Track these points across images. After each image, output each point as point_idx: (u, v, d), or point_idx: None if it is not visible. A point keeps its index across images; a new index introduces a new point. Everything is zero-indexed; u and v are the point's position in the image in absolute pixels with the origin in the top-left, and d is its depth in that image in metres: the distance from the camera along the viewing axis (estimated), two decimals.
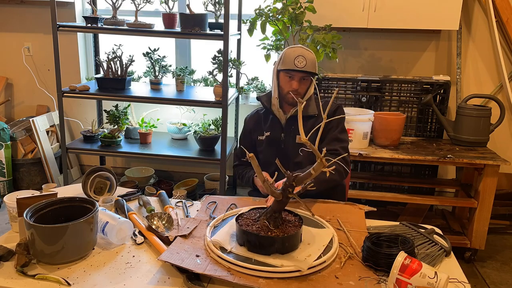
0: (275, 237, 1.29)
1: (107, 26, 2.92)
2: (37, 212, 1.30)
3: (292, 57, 1.85)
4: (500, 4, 3.00)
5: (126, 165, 3.80)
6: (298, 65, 1.83)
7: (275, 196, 1.34)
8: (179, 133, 3.35)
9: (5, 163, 3.29)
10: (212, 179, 3.44)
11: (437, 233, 1.50)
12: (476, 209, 2.59)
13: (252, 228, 1.33)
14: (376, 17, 2.85)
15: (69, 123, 3.74)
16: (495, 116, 2.83)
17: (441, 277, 1.13)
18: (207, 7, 2.90)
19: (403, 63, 3.30)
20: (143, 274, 1.23)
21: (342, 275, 1.23)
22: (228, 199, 1.74)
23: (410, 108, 3.09)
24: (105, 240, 1.38)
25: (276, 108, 1.97)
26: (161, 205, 1.67)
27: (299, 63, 1.83)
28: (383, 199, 2.72)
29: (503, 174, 3.18)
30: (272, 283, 1.17)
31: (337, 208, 1.68)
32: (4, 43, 3.68)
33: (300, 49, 1.87)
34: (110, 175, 1.73)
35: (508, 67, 3.15)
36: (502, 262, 2.75)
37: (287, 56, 1.87)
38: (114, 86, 3.10)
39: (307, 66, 1.84)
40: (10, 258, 1.27)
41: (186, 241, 1.37)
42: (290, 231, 1.33)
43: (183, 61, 3.60)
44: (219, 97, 2.85)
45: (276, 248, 1.29)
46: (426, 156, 2.57)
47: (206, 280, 1.20)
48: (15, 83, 3.77)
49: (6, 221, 2.97)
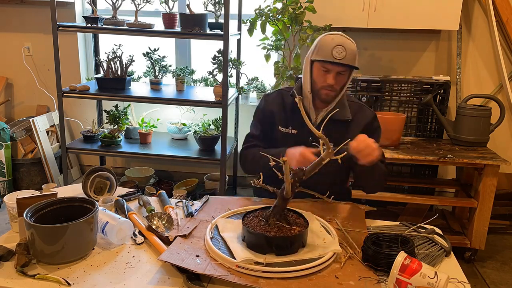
0: (297, 234, 1.30)
1: (107, 26, 2.92)
2: (37, 212, 1.30)
3: (330, 47, 1.59)
4: (500, 4, 3.00)
5: (126, 165, 3.80)
6: (337, 56, 1.58)
7: (285, 193, 1.32)
8: (179, 133, 3.35)
9: (5, 163, 3.29)
10: (212, 179, 3.44)
11: (437, 233, 1.50)
12: (476, 209, 2.59)
13: (277, 233, 1.31)
14: (376, 17, 2.85)
15: (69, 123, 3.75)
16: (495, 116, 2.83)
17: (441, 277, 1.13)
18: (207, 7, 2.90)
19: (403, 63, 3.30)
20: (143, 274, 1.23)
21: (342, 275, 1.23)
22: (228, 200, 1.74)
23: (410, 108, 3.09)
24: (105, 240, 1.38)
25: (308, 103, 1.71)
26: (161, 205, 1.67)
27: (338, 53, 1.58)
28: (383, 199, 2.71)
29: (503, 174, 3.18)
30: (272, 283, 1.17)
31: (337, 208, 1.68)
32: (4, 43, 3.68)
33: (339, 38, 1.61)
34: (110, 175, 1.73)
35: (508, 67, 3.15)
36: (502, 262, 2.75)
37: (324, 44, 1.62)
38: (114, 86, 3.10)
39: (347, 58, 1.59)
40: (10, 258, 1.27)
41: (186, 241, 1.37)
42: (299, 225, 1.34)
43: (183, 61, 3.60)
44: (219, 97, 2.85)
45: (300, 244, 1.31)
46: (426, 156, 2.57)
47: (206, 280, 1.20)
48: (15, 83, 3.77)
49: (6, 221, 2.97)
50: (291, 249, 1.29)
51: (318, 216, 1.55)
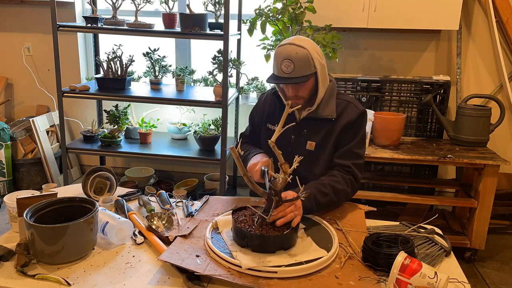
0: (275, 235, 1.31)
1: (107, 26, 2.92)
2: (37, 212, 1.30)
3: (278, 61, 1.55)
4: (500, 4, 3.00)
5: (126, 165, 3.80)
6: (286, 70, 1.53)
7: (259, 194, 1.35)
8: (179, 133, 3.35)
9: (5, 163, 3.29)
10: (212, 179, 3.44)
11: (437, 233, 1.50)
12: (476, 209, 2.59)
13: (257, 230, 1.33)
14: (376, 17, 2.85)
15: (69, 123, 3.74)
16: (495, 116, 2.83)
17: (441, 277, 1.13)
18: (207, 7, 2.90)
19: (403, 63, 3.30)
20: (143, 274, 1.23)
21: (342, 275, 1.23)
22: (228, 200, 1.74)
23: (410, 108, 3.09)
24: (105, 240, 1.38)
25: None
26: (161, 205, 1.67)
27: (286, 68, 1.53)
28: (383, 199, 2.72)
29: (503, 174, 3.18)
30: (272, 283, 1.17)
31: (337, 208, 1.68)
32: (4, 43, 3.68)
33: (288, 48, 1.54)
34: (110, 175, 1.73)
35: (508, 67, 3.15)
36: (502, 262, 2.75)
37: (275, 57, 1.58)
38: (114, 86, 3.10)
39: (296, 71, 1.53)
40: (10, 258, 1.27)
41: (186, 241, 1.37)
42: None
43: (183, 61, 3.60)
44: (219, 97, 2.85)
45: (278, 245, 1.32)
46: (426, 156, 2.57)
47: (206, 280, 1.20)
48: (15, 83, 3.77)
49: (6, 221, 2.97)
50: (265, 249, 1.30)
51: (318, 216, 1.55)
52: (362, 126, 1.70)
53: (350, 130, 1.66)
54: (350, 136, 1.67)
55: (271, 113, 1.79)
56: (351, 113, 1.67)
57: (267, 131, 1.78)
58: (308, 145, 1.70)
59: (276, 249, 1.31)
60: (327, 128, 1.67)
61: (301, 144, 1.71)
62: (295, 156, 1.28)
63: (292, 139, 1.72)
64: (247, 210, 1.47)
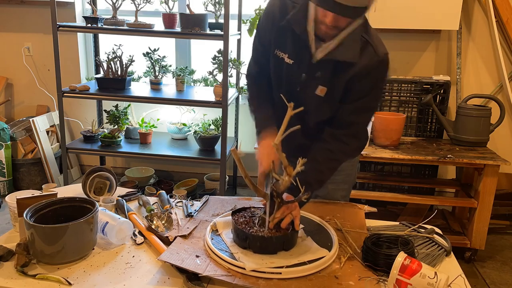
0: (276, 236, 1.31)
1: (107, 26, 2.92)
2: (37, 212, 1.30)
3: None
4: (500, 4, 2.99)
5: (126, 165, 3.80)
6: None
7: (260, 196, 1.34)
8: (179, 133, 3.35)
9: (5, 163, 3.29)
10: (212, 179, 3.44)
11: (437, 233, 1.50)
12: (476, 209, 2.59)
13: (258, 231, 1.33)
14: (376, 17, 2.83)
15: (69, 123, 3.75)
16: (495, 116, 2.83)
17: (441, 277, 1.13)
18: (207, 7, 2.90)
19: (403, 63, 3.30)
20: (143, 274, 1.23)
21: (342, 275, 1.23)
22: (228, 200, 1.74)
23: (410, 108, 3.09)
24: (105, 240, 1.38)
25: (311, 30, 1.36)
26: (161, 205, 1.67)
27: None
28: (383, 199, 2.72)
29: (503, 174, 3.18)
30: (272, 283, 1.17)
31: (337, 208, 1.67)
32: (4, 43, 3.68)
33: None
34: (110, 175, 1.73)
35: (508, 67, 3.15)
36: (502, 262, 2.75)
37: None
38: (114, 86, 3.10)
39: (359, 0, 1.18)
40: (10, 258, 1.27)
41: (186, 241, 1.37)
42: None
43: (183, 61, 3.60)
44: (219, 97, 2.85)
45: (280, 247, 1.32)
46: (426, 156, 2.57)
47: (206, 280, 1.20)
48: (15, 83, 3.77)
49: (6, 221, 2.97)
50: (267, 250, 1.30)
51: (318, 216, 1.55)
52: (377, 78, 1.42)
53: (363, 79, 1.38)
54: (360, 87, 1.40)
55: (278, 34, 1.46)
56: (366, 59, 1.38)
57: (275, 59, 1.49)
58: (318, 90, 1.44)
59: (278, 250, 1.31)
60: (345, 73, 1.39)
61: (311, 87, 1.45)
62: (299, 159, 1.24)
63: (302, 77, 1.45)
64: (246, 211, 1.47)
